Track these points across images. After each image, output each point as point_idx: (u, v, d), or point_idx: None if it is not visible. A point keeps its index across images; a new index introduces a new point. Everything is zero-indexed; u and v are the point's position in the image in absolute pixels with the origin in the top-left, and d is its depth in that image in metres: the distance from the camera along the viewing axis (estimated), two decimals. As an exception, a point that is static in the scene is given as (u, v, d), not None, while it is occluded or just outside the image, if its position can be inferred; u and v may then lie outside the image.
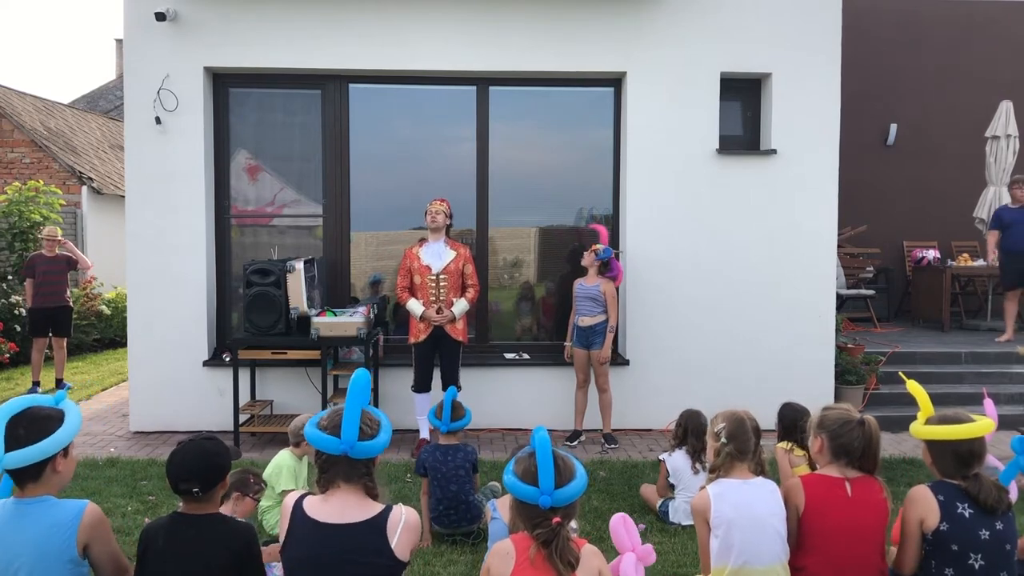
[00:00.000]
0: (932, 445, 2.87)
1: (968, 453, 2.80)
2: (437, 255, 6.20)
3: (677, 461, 4.76)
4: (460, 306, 6.21)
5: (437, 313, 6.14)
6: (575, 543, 2.44)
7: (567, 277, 7.03)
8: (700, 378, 6.84)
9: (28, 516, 2.41)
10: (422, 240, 6.34)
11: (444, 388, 6.22)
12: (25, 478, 2.45)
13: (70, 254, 8.84)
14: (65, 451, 2.51)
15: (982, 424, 2.82)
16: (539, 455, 2.43)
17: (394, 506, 2.46)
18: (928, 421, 2.89)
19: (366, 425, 2.44)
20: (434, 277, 6.16)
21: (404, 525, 2.41)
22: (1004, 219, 8.49)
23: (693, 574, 3.68)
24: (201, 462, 2.57)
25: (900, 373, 3.96)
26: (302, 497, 2.46)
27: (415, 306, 6.18)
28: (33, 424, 2.45)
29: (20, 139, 14.06)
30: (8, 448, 2.39)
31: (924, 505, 2.76)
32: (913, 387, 3.04)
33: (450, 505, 4.42)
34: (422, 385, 6.30)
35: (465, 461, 4.52)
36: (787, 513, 2.88)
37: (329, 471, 2.43)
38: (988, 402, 3.16)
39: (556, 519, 2.38)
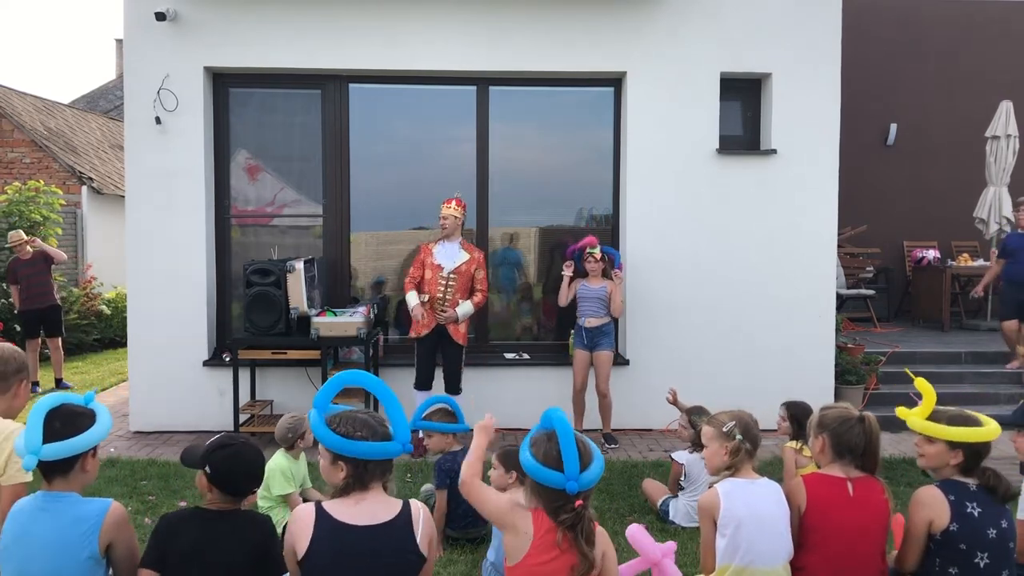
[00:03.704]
0: (961, 444, 2.82)
1: (987, 453, 2.83)
2: (450, 256, 6.26)
3: (694, 465, 4.66)
4: (464, 308, 6.22)
5: (441, 312, 6.16)
6: (595, 524, 2.46)
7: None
8: (700, 378, 6.82)
9: (52, 510, 2.48)
10: (440, 238, 6.35)
11: (447, 390, 6.28)
12: (55, 472, 2.51)
13: (43, 250, 8.81)
14: (94, 451, 2.59)
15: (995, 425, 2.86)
16: (562, 439, 2.41)
17: (410, 501, 2.47)
18: (952, 421, 2.83)
19: (380, 424, 2.46)
20: (444, 277, 6.20)
21: (424, 520, 2.42)
22: (1008, 246, 8.02)
23: (693, 574, 3.67)
24: (258, 464, 2.65)
25: (907, 370, 3.92)
26: (319, 505, 2.40)
27: (411, 298, 6.25)
28: (69, 420, 2.52)
29: (20, 139, 14.05)
30: (45, 441, 2.46)
31: (935, 506, 2.76)
32: (921, 384, 3.00)
33: (468, 508, 4.39)
34: (422, 383, 6.32)
35: None
36: (789, 512, 2.89)
37: (365, 475, 2.40)
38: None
39: (579, 502, 2.38)
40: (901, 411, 2.98)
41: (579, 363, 6.47)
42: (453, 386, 6.31)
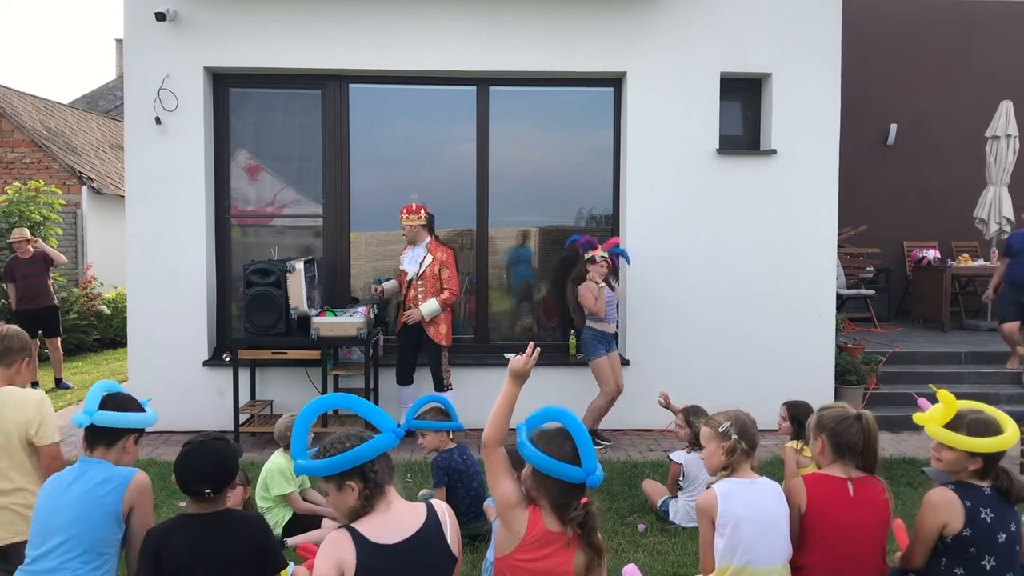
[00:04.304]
0: (981, 454, 2.80)
1: (1003, 455, 2.83)
2: (415, 260, 6.43)
3: (692, 464, 4.66)
4: (429, 307, 6.28)
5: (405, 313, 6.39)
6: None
7: (567, 277, 7.01)
8: (700, 378, 6.82)
9: (87, 472, 2.75)
10: (407, 245, 6.55)
11: (435, 389, 6.33)
12: (99, 441, 2.81)
13: (44, 251, 8.80)
14: (137, 437, 2.91)
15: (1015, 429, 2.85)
16: (578, 435, 2.44)
17: (433, 503, 2.46)
18: (972, 429, 2.80)
19: (362, 432, 2.45)
20: (409, 281, 6.40)
21: (450, 519, 2.42)
22: (1012, 247, 7.79)
23: (693, 574, 3.68)
24: (213, 464, 2.62)
25: (932, 386, 3.85)
26: (352, 529, 2.30)
27: (389, 284, 6.71)
28: (123, 402, 2.89)
29: (20, 139, 14.05)
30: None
31: (950, 510, 2.76)
32: (944, 396, 2.94)
33: (472, 503, 4.41)
34: (401, 377, 6.53)
35: (474, 458, 4.53)
36: (789, 512, 2.88)
37: (377, 477, 2.35)
38: (923, 401, 3.13)
39: (584, 499, 2.39)
40: (918, 417, 2.95)
41: (611, 368, 6.33)
42: (437, 385, 6.40)
